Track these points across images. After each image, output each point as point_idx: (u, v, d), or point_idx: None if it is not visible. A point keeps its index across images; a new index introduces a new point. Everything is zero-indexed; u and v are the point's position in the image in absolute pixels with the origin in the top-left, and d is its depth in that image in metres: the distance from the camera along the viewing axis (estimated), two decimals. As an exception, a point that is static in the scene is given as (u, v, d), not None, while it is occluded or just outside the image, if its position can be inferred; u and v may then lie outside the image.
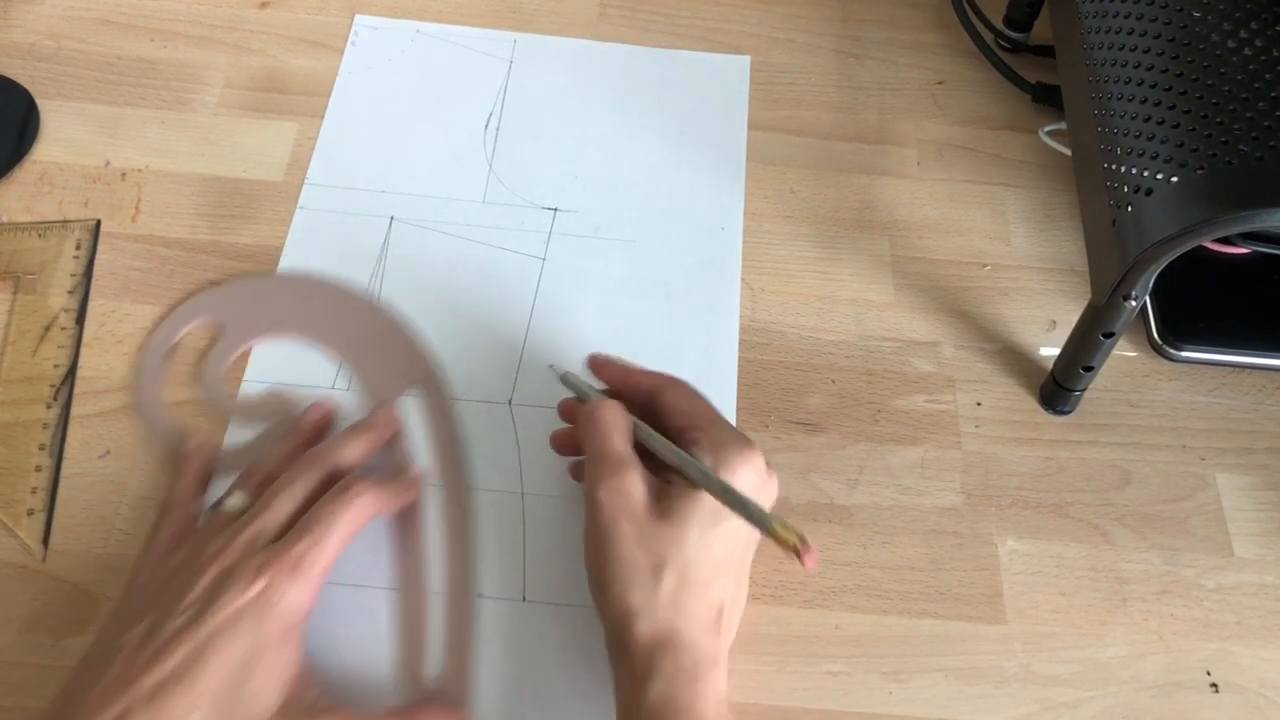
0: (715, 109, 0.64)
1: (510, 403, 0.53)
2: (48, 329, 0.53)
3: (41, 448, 0.50)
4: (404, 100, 0.63)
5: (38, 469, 0.50)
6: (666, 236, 0.59)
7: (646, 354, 0.54)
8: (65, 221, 0.57)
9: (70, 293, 0.54)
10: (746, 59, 0.66)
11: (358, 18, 0.67)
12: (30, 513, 0.49)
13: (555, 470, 0.51)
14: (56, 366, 0.52)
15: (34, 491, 0.49)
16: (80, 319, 0.54)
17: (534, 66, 0.65)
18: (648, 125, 0.63)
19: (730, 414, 0.53)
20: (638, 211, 0.60)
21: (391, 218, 0.58)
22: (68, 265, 0.55)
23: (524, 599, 0.47)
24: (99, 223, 0.57)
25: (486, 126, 0.62)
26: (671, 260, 0.58)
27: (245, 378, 0.53)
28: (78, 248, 0.56)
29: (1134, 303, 0.46)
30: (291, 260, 0.57)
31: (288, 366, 0.53)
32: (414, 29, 0.67)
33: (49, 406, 0.51)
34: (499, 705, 0.45)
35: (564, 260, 0.58)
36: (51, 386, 0.51)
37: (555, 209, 0.59)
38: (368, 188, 0.59)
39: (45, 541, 0.48)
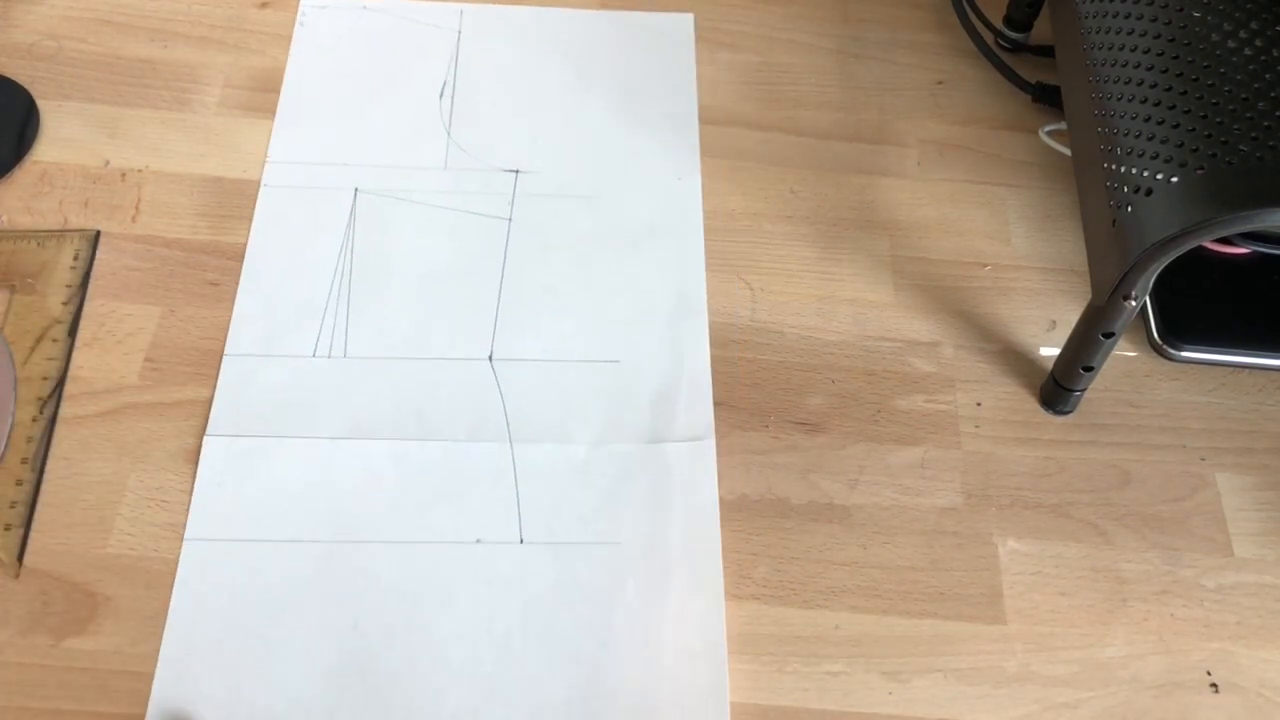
0: (663, 65, 0.66)
1: (490, 358, 0.54)
2: (39, 340, 0.52)
3: (24, 461, 0.50)
4: (358, 76, 0.64)
5: (19, 483, 0.49)
6: (626, 190, 0.60)
7: (618, 304, 0.56)
8: (64, 230, 0.57)
9: (65, 304, 0.54)
10: (690, 16, 0.68)
11: None
12: (7, 528, 0.48)
13: (541, 417, 0.52)
14: (45, 379, 0.52)
15: (13, 506, 0.48)
16: (73, 331, 0.54)
17: (482, 34, 0.66)
18: (599, 84, 0.64)
19: (704, 368, 0.54)
20: (596, 168, 0.61)
21: (356, 189, 0.59)
22: (64, 276, 0.55)
23: (521, 541, 0.49)
24: (98, 233, 0.57)
25: (441, 95, 0.63)
26: (633, 212, 0.59)
27: (228, 353, 0.53)
28: (75, 258, 0.56)
29: (1134, 303, 0.46)
30: (259, 237, 0.57)
31: (272, 337, 0.54)
32: (361, 6, 0.67)
33: (35, 419, 0.51)
34: (504, 642, 0.46)
35: (530, 220, 0.59)
36: (39, 399, 0.51)
37: (517, 170, 0.60)
38: (330, 161, 0.60)
39: (20, 557, 0.48)
